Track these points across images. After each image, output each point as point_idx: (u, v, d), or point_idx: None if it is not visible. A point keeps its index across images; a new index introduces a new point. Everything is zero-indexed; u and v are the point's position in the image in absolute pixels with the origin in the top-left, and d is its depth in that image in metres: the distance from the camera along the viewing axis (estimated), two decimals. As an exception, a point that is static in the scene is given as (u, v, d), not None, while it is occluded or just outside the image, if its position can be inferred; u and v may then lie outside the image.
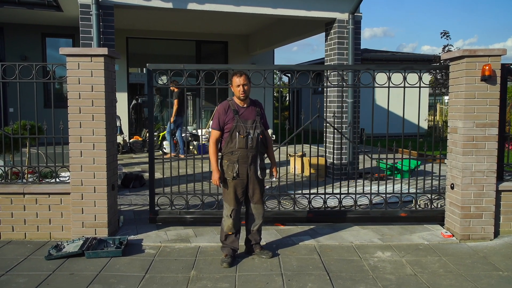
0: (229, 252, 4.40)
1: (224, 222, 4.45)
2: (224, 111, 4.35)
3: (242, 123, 4.32)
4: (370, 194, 5.61)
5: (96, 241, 4.73)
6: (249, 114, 4.39)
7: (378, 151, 5.75)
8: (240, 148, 4.31)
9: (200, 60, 13.71)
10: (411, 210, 5.62)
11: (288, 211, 5.56)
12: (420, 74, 5.34)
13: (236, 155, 4.32)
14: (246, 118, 4.35)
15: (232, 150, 4.32)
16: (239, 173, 4.33)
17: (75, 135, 4.87)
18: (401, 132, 5.52)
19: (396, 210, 5.53)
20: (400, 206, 5.55)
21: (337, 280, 3.99)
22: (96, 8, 6.66)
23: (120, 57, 5.37)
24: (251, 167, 4.36)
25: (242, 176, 4.35)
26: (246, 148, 4.31)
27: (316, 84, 15.64)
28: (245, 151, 4.32)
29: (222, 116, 4.35)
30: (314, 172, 7.80)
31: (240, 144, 4.30)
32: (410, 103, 5.42)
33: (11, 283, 3.89)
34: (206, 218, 5.43)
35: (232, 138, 4.31)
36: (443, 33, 13.29)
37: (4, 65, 5.10)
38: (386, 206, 5.53)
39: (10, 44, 11.87)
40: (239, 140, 4.29)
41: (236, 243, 4.47)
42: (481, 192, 5.01)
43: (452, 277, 4.08)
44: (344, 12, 7.94)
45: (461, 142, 4.97)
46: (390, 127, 5.64)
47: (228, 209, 4.40)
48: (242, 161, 4.33)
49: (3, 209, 5.04)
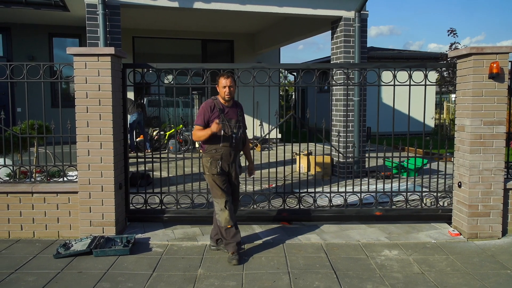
0: (235, 248, 4.37)
1: (220, 218, 4.42)
2: (209, 108, 4.40)
3: (227, 122, 4.41)
4: (360, 193, 5.60)
5: (103, 239, 4.75)
6: (232, 114, 4.50)
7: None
8: (224, 146, 4.40)
9: (206, 59, 13.71)
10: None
11: (262, 210, 5.56)
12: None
13: (220, 153, 4.41)
14: (231, 117, 4.47)
15: (216, 148, 4.41)
16: (223, 169, 4.43)
17: (83, 134, 4.90)
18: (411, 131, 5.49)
19: (371, 209, 5.53)
20: (375, 204, 5.54)
21: (344, 278, 3.99)
22: (103, 8, 6.69)
23: (127, 56, 5.38)
24: (232, 165, 4.52)
25: (225, 172, 4.47)
26: (230, 146, 4.44)
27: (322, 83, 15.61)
28: (228, 149, 4.43)
29: (207, 113, 4.40)
30: (321, 171, 7.79)
31: (224, 143, 4.40)
32: (418, 101, 5.40)
33: (21, 281, 3.92)
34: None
35: (217, 137, 4.37)
36: (450, 31, 13.20)
37: (12, 65, 5.13)
38: (361, 206, 5.55)
39: (17, 44, 11.94)
40: (224, 138, 4.38)
41: (238, 236, 4.45)
42: (489, 191, 4.98)
43: (459, 275, 4.06)
44: (350, 10, 7.91)
45: (469, 140, 4.94)
46: (398, 126, 5.62)
47: (221, 202, 4.41)
48: (225, 158, 4.44)
49: (12, 208, 5.08)
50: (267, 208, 5.54)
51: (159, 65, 5.26)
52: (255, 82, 5.30)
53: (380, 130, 5.53)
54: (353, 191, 5.64)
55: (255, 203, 5.57)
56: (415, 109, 5.62)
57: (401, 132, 8.12)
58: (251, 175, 4.90)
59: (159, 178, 5.78)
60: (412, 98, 5.30)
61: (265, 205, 5.59)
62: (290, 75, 23.45)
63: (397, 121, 5.70)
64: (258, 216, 5.53)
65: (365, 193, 5.66)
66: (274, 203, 5.59)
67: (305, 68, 5.75)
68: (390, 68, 5.38)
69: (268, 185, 6.32)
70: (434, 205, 5.57)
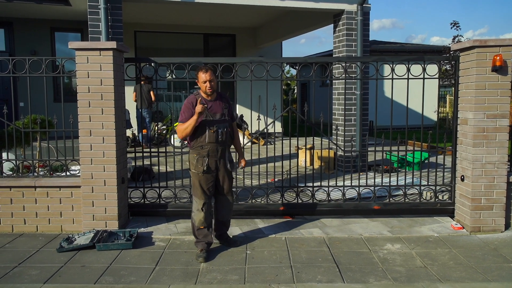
0: (204, 246, 4.38)
1: (195, 217, 4.41)
2: (191, 105, 4.27)
3: (211, 117, 4.31)
4: (359, 187, 5.60)
5: (106, 233, 4.77)
6: (217, 108, 4.38)
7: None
8: (210, 143, 4.30)
9: (208, 53, 13.69)
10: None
11: (261, 204, 5.55)
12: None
13: (206, 149, 4.31)
14: (215, 112, 4.35)
15: (202, 145, 4.30)
16: (209, 166, 4.33)
17: (85, 129, 4.90)
18: (412, 124, 5.48)
19: (369, 203, 5.53)
20: (373, 198, 5.54)
21: (346, 272, 3.99)
22: (104, 2, 6.66)
23: (129, 50, 5.38)
24: (220, 161, 4.41)
25: (211, 170, 4.36)
26: (216, 142, 4.32)
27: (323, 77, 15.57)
28: (214, 145, 4.33)
29: (190, 110, 4.27)
30: (324, 165, 7.79)
31: (210, 139, 4.29)
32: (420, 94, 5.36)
33: (24, 275, 3.94)
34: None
35: (202, 133, 4.28)
36: (453, 24, 13.17)
37: (14, 59, 5.13)
38: (359, 199, 5.55)
39: (19, 39, 11.94)
40: (209, 134, 4.28)
41: (209, 237, 4.46)
42: (492, 184, 4.97)
43: (462, 269, 4.06)
44: (353, 4, 7.87)
45: (472, 133, 4.93)
46: (401, 119, 5.59)
47: (199, 203, 4.36)
48: (212, 155, 4.34)
49: (15, 202, 5.10)
50: (265, 202, 5.54)
51: (158, 59, 5.25)
52: (253, 76, 5.28)
53: (383, 124, 5.51)
54: (351, 185, 5.63)
55: (253, 197, 5.56)
56: (418, 102, 5.59)
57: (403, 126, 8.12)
58: (242, 167, 4.78)
59: (165, 172, 5.78)
60: (415, 92, 5.29)
61: (264, 199, 5.59)
62: (293, 69, 23.39)
63: (400, 114, 5.68)
64: (257, 210, 5.53)
65: (363, 187, 5.66)
66: (273, 197, 5.59)
67: (302, 62, 5.71)
68: (389, 62, 5.36)
69: (267, 179, 6.32)
70: (433, 199, 5.57)
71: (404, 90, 5.46)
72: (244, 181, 5.92)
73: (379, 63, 5.36)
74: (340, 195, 5.62)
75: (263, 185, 5.86)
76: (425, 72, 5.29)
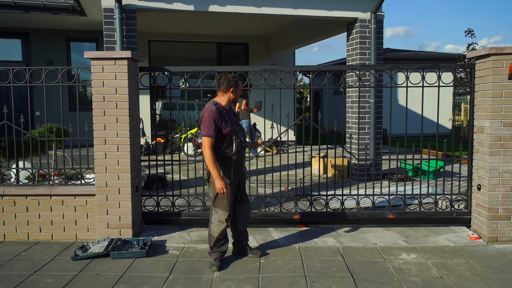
0: (218, 255, 4.37)
1: (215, 228, 4.34)
2: (217, 116, 4.13)
3: (234, 126, 4.29)
4: (373, 196, 5.54)
5: (120, 242, 4.79)
6: (233, 116, 4.39)
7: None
8: (237, 152, 4.27)
9: (221, 62, 13.77)
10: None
11: (274, 213, 5.52)
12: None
13: (233, 160, 4.27)
14: (233, 121, 4.33)
15: (229, 155, 4.24)
16: (234, 176, 4.30)
17: (100, 138, 4.94)
18: (426, 133, 5.43)
19: (384, 212, 5.47)
20: (388, 207, 5.49)
21: (361, 282, 3.95)
22: (119, 12, 6.76)
23: (143, 60, 5.43)
24: (241, 169, 4.43)
25: (236, 179, 4.34)
26: (242, 150, 4.34)
27: (335, 85, 15.53)
28: (239, 155, 4.32)
29: (217, 121, 4.13)
30: (338, 173, 7.75)
31: (237, 148, 4.26)
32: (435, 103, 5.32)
33: (39, 283, 3.96)
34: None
35: (231, 143, 4.22)
36: (468, 31, 13.04)
37: (31, 69, 5.21)
38: (374, 208, 5.49)
39: (36, 49, 12.16)
40: (236, 144, 4.23)
41: (225, 246, 4.46)
42: (509, 193, 4.89)
43: (479, 280, 3.99)
44: (366, 12, 7.87)
45: (488, 142, 4.86)
46: (416, 127, 5.55)
47: (224, 214, 4.27)
48: (237, 163, 4.32)
49: (31, 210, 5.15)
50: (279, 211, 5.51)
51: (172, 68, 5.29)
52: (266, 85, 5.29)
53: (398, 132, 5.47)
54: (365, 194, 5.58)
55: (266, 206, 5.54)
56: (431, 110, 5.54)
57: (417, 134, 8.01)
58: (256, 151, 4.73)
59: (178, 180, 5.81)
60: (428, 100, 5.24)
61: (277, 207, 5.57)
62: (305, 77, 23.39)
63: (414, 122, 5.63)
64: (270, 218, 5.50)
65: (378, 195, 5.61)
66: (286, 206, 5.56)
67: (316, 70, 5.70)
68: (403, 70, 5.32)
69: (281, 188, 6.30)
70: (449, 208, 5.49)
71: (417, 98, 5.42)
72: (257, 190, 5.92)
73: (393, 71, 5.34)
74: (354, 203, 5.58)
75: (277, 193, 5.84)
76: (440, 80, 5.25)
